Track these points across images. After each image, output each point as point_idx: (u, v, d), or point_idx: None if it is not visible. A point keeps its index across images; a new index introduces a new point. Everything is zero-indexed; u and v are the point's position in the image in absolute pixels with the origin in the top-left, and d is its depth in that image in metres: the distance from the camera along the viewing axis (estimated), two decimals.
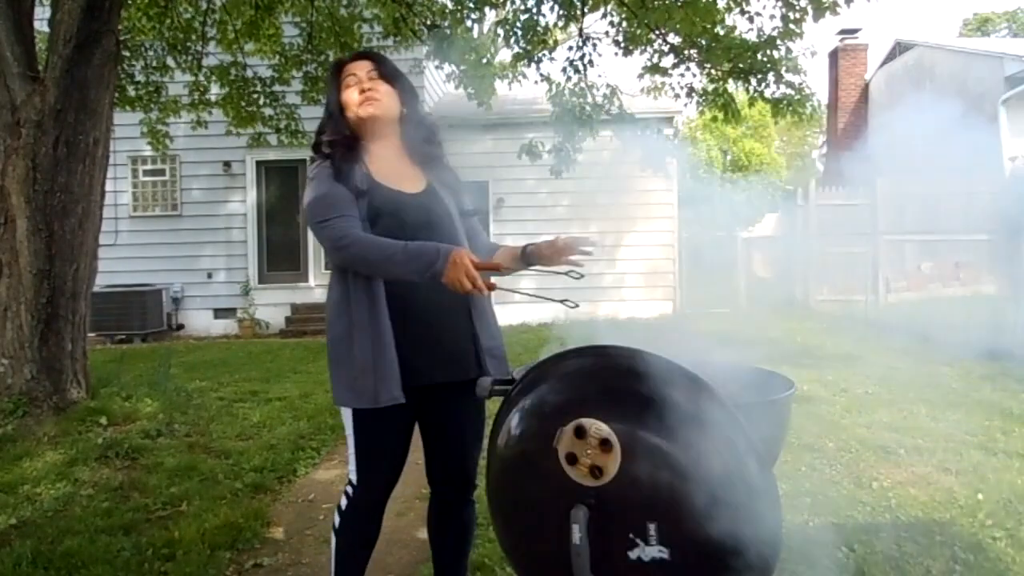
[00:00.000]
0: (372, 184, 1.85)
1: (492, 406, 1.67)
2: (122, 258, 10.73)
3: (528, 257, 1.88)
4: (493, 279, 1.70)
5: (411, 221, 1.85)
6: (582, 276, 1.76)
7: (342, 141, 1.90)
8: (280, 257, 11.54)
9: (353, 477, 1.92)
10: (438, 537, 2.11)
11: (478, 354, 1.91)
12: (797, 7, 6.03)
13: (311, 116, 8.90)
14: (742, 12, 6.35)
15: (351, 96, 1.91)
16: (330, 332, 1.89)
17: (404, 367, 1.80)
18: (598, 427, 1.24)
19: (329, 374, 1.91)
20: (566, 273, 1.79)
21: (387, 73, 1.96)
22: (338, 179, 1.82)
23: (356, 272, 1.81)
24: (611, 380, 1.37)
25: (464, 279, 1.64)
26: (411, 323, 1.81)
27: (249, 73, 8.30)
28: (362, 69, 1.94)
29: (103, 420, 4.51)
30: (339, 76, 1.95)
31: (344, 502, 1.95)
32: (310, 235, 11.34)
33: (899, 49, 16.00)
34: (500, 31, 7.20)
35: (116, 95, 5.84)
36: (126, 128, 9.25)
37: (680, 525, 1.23)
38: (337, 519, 1.96)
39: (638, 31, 6.79)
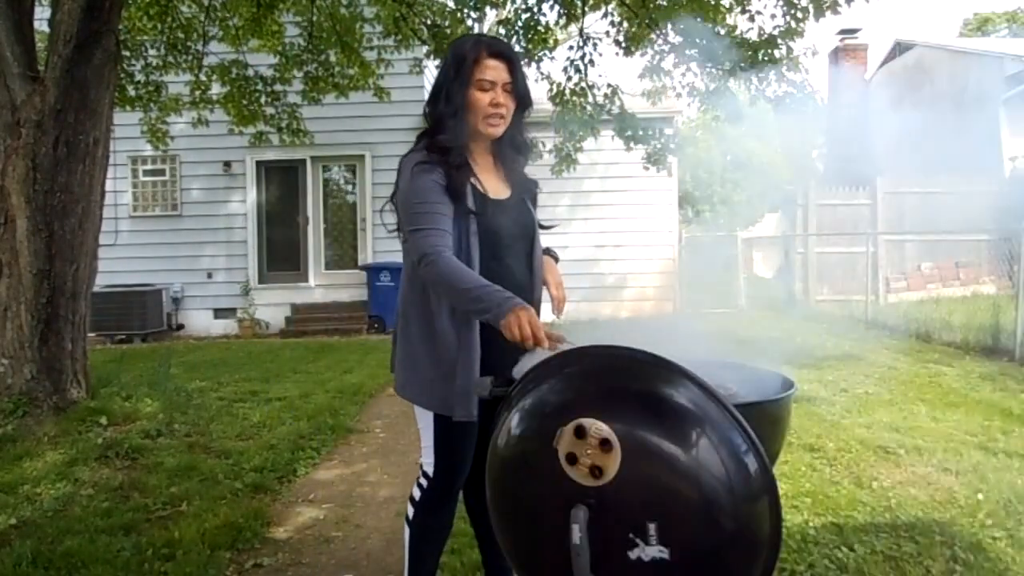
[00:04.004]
0: (478, 199, 1.84)
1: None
2: (122, 258, 10.73)
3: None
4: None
5: (506, 229, 1.87)
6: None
7: (458, 159, 1.82)
8: (280, 257, 11.54)
9: (429, 470, 1.92)
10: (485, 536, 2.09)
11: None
12: (798, 6, 6.03)
13: (312, 116, 8.91)
14: (743, 11, 6.35)
15: (481, 102, 1.82)
16: (408, 328, 1.87)
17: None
18: (598, 427, 1.24)
19: (397, 365, 1.92)
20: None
21: (517, 88, 1.86)
22: (449, 194, 1.78)
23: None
24: (611, 380, 1.36)
25: (517, 333, 1.57)
26: (494, 333, 1.69)
27: (250, 72, 8.29)
28: (500, 77, 1.83)
29: (103, 420, 4.51)
30: (473, 66, 1.81)
31: (418, 493, 1.95)
32: (310, 235, 11.50)
33: (899, 49, 16.01)
34: (501, 30, 7.20)
35: (116, 95, 5.84)
36: (126, 128, 9.24)
37: (680, 525, 1.23)
38: (411, 510, 1.97)
39: (638, 31, 6.78)
